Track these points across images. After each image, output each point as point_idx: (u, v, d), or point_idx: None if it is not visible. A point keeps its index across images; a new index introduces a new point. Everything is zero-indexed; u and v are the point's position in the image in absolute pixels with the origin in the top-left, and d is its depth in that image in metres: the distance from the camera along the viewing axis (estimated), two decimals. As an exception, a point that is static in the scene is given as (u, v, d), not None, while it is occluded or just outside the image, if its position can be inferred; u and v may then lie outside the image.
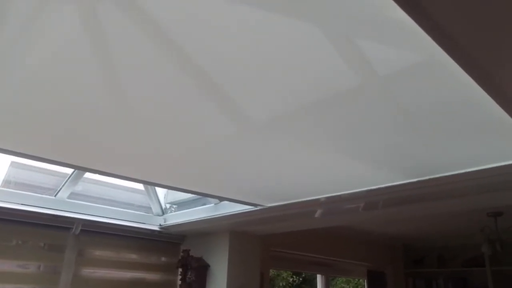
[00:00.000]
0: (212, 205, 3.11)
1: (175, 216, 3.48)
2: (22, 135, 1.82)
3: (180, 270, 3.51)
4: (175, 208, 3.60)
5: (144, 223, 3.45)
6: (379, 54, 1.12)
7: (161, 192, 3.60)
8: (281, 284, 8.34)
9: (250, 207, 2.76)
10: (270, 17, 1.02)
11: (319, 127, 1.59)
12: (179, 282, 3.49)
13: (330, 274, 4.95)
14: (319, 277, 4.85)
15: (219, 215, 2.99)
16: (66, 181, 2.96)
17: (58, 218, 2.92)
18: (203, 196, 3.00)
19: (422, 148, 1.71)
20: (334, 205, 2.56)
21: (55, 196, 2.99)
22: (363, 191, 2.22)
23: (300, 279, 8.56)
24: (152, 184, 3.18)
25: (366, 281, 5.33)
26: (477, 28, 0.87)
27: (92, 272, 3.18)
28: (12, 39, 1.16)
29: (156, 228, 3.51)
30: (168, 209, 3.63)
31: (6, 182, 2.86)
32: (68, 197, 3.05)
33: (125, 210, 3.39)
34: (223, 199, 2.89)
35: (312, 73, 1.23)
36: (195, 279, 3.36)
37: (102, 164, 2.14)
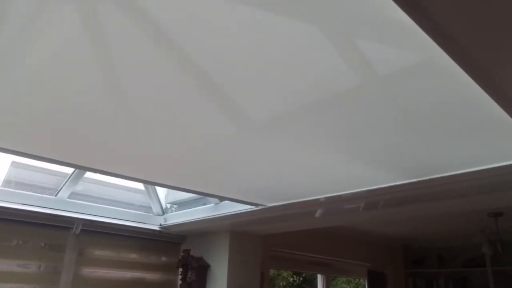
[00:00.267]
0: (212, 205, 3.12)
1: (176, 216, 3.48)
2: (23, 134, 1.83)
3: (181, 270, 3.52)
4: (176, 208, 3.60)
5: (145, 223, 3.45)
6: (379, 54, 1.12)
7: (161, 192, 3.60)
8: (282, 284, 8.33)
9: (251, 207, 2.76)
10: (270, 17, 1.02)
11: (319, 127, 1.59)
12: (179, 282, 3.49)
13: (330, 274, 4.94)
14: (320, 277, 4.85)
15: (220, 215, 2.99)
16: (67, 181, 2.96)
17: (58, 218, 2.93)
18: (204, 195, 3.00)
19: (422, 148, 1.71)
20: (335, 205, 2.56)
21: (55, 196, 3.00)
22: (363, 191, 2.22)
23: (300, 279, 8.56)
24: (153, 184, 3.19)
25: (366, 281, 5.33)
26: (477, 28, 0.87)
27: (92, 272, 3.18)
28: (12, 39, 1.16)
29: (156, 228, 3.52)
30: (169, 209, 3.63)
31: (7, 182, 2.87)
32: (69, 197, 3.05)
33: (126, 210, 3.39)
34: (224, 199, 2.89)
35: (312, 73, 1.23)
36: (195, 279, 3.36)
37: (102, 164, 2.14)
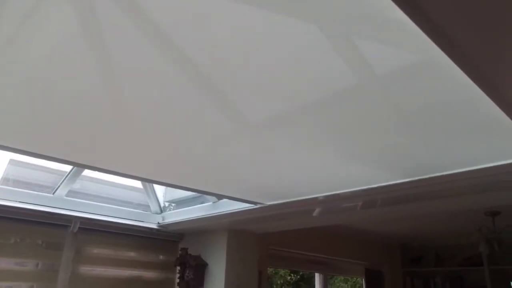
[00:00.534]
0: (210, 203, 3.12)
1: (174, 214, 3.48)
2: (21, 131, 1.82)
3: (178, 268, 3.52)
4: (174, 206, 3.60)
5: (143, 221, 3.45)
6: (378, 54, 1.12)
7: (159, 190, 3.60)
8: (279, 282, 8.35)
9: (250, 205, 2.76)
10: (269, 17, 1.02)
11: (318, 126, 1.59)
12: (177, 280, 3.49)
13: (328, 273, 4.95)
14: (317, 276, 4.86)
15: (218, 213, 2.99)
16: (64, 179, 2.96)
17: (56, 216, 2.92)
18: (203, 194, 3.00)
19: (420, 147, 1.72)
20: (333, 203, 2.56)
21: (53, 194, 2.99)
22: (361, 189, 2.23)
23: (298, 277, 8.57)
24: (153, 182, 3.17)
25: (364, 279, 5.35)
26: (476, 29, 0.87)
27: (90, 270, 3.18)
28: (9, 36, 1.15)
29: (154, 226, 3.51)
30: (167, 207, 3.63)
31: (5, 180, 2.86)
32: (66, 195, 3.05)
33: (124, 208, 3.39)
34: (223, 197, 2.89)
35: (311, 73, 1.23)
36: (193, 277, 3.36)
37: (101, 161, 2.14)
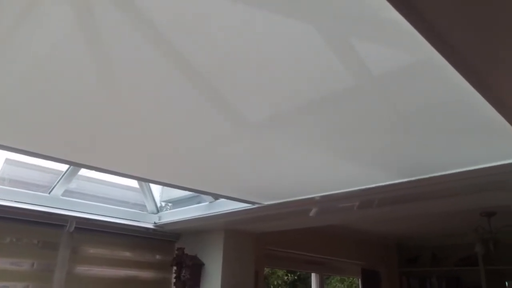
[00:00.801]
0: (207, 203, 3.11)
1: (170, 214, 3.48)
2: (18, 130, 1.81)
3: (175, 268, 3.51)
4: (170, 206, 3.60)
5: (139, 221, 3.44)
6: (377, 54, 1.12)
7: (156, 190, 3.59)
8: (276, 283, 8.35)
9: (247, 205, 2.76)
10: (269, 18, 1.02)
11: (316, 127, 1.60)
12: (173, 280, 3.49)
13: (324, 273, 4.96)
14: (314, 276, 4.86)
15: (215, 213, 2.99)
16: (61, 179, 2.95)
17: (52, 216, 2.91)
18: (201, 193, 3.00)
19: (417, 148, 1.72)
20: (330, 203, 2.57)
21: (49, 193, 2.98)
22: (358, 190, 2.23)
23: (295, 277, 8.57)
24: (150, 182, 3.15)
25: (360, 279, 5.35)
26: (471, 30, 0.87)
27: (86, 270, 3.17)
28: (9, 36, 1.15)
29: (150, 226, 3.51)
30: (163, 207, 3.62)
31: (1, 179, 2.85)
32: (62, 195, 3.03)
33: (120, 208, 3.38)
34: (221, 197, 2.88)
35: (309, 73, 1.23)
36: (189, 277, 3.36)
37: (99, 161, 2.13)
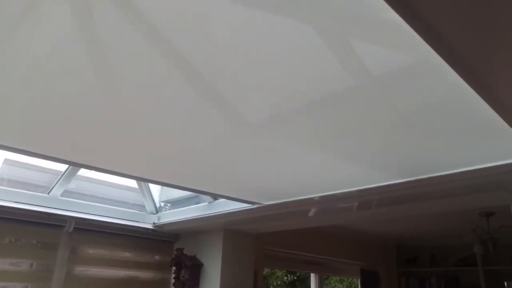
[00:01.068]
0: (206, 203, 3.11)
1: (169, 215, 3.48)
2: (18, 131, 1.81)
3: (174, 268, 3.51)
4: (169, 206, 3.60)
5: (138, 221, 3.44)
6: (375, 55, 1.12)
7: (155, 191, 3.59)
8: (275, 283, 8.35)
9: (247, 205, 2.76)
10: (268, 18, 1.02)
11: (315, 127, 1.60)
12: (172, 281, 3.49)
13: (323, 273, 4.96)
14: (313, 276, 4.86)
15: (215, 214, 2.99)
16: (60, 179, 2.95)
17: (51, 216, 2.91)
18: (201, 194, 2.99)
19: (416, 148, 1.72)
20: (330, 203, 2.57)
21: (48, 193, 2.98)
22: (357, 190, 2.23)
23: (294, 278, 8.57)
24: (151, 182, 3.14)
25: (359, 280, 5.35)
26: (468, 30, 0.88)
27: (85, 270, 3.17)
28: (9, 34, 1.15)
29: (150, 226, 3.51)
30: (162, 208, 3.62)
31: (-1, 180, 2.85)
32: (61, 195, 3.03)
33: (119, 208, 3.38)
34: (220, 197, 2.88)
35: (308, 73, 1.23)
36: (188, 278, 3.36)
37: (98, 161, 2.13)
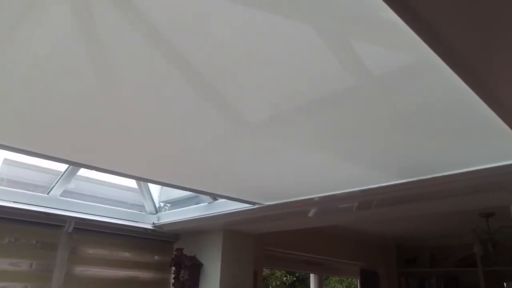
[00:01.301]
0: (206, 204, 3.11)
1: (169, 215, 3.48)
2: (18, 130, 1.81)
3: (173, 268, 3.51)
4: (169, 206, 3.60)
5: (138, 222, 3.44)
6: (375, 55, 1.12)
7: (154, 191, 3.59)
8: (275, 284, 8.35)
9: (248, 206, 2.76)
10: (268, 18, 1.02)
11: (316, 127, 1.60)
12: (172, 281, 3.49)
13: (323, 274, 4.96)
14: (312, 277, 4.86)
15: (215, 214, 2.99)
16: (59, 179, 2.95)
17: (50, 216, 2.91)
18: (202, 194, 2.99)
19: (416, 149, 1.72)
20: (330, 204, 2.57)
21: (47, 194, 2.98)
22: (358, 190, 2.23)
23: (293, 278, 8.57)
24: (151, 182, 3.13)
25: (359, 280, 5.35)
26: (467, 31, 0.87)
27: (85, 270, 3.16)
28: (9, 34, 1.15)
29: (149, 226, 3.51)
30: (162, 208, 3.62)
31: (-1, 180, 2.85)
32: (61, 195, 3.03)
33: (119, 208, 3.38)
34: (222, 197, 2.87)
35: (309, 73, 1.23)
36: (188, 278, 3.36)
37: (98, 161, 2.13)
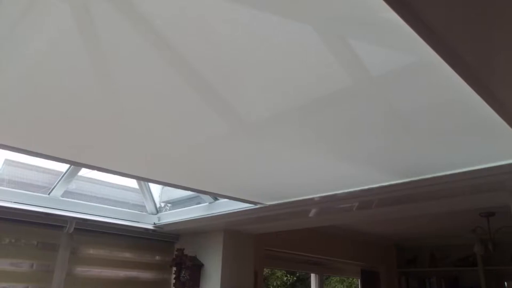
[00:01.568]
0: (206, 204, 3.11)
1: (170, 215, 3.48)
2: (18, 130, 1.81)
3: (174, 269, 3.51)
4: (170, 206, 3.60)
5: (138, 222, 3.44)
6: (372, 55, 1.12)
7: (155, 191, 3.59)
8: (275, 283, 8.35)
9: (249, 205, 2.76)
10: (268, 18, 1.02)
11: (316, 128, 1.60)
12: (173, 281, 3.49)
13: (323, 273, 4.96)
14: (313, 276, 4.86)
15: (216, 214, 2.99)
16: (60, 179, 2.95)
17: (51, 217, 2.91)
18: (203, 194, 2.98)
19: (416, 148, 1.72)
20: (331, 204, 2.57)
21: (48, 194, 2.98)
22: (359, 190, 2.24)
23: (294, 278, 8.58)
24: (153, 182, 3.12)
25: (359, 280, 5.36)
26: (468, 31, 0.88)
27: (85, 270, 3.17)
28: (10, 33, 1.15)
29: (150, 226, 3.51)
30: (163, 208, 3.62)
31: (0, 180, 2.85)
32: (62, 195, 3.03)
33: (119, 208, 3.38)
34: (224, 197, 2.87)
35: (309, 73, 1.24)
36: (189, 278, 3.36)
37: (100, 160, 2.13)
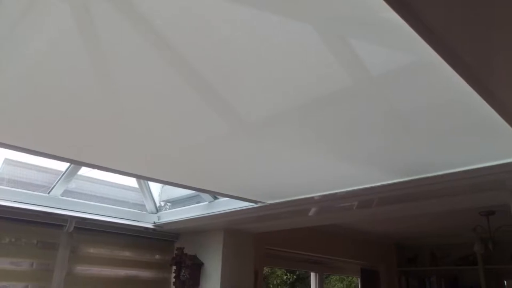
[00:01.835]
0: (206, 203, 3.11)
1: (169, 214, 3.48)
2: (17, 128, 1.81)
3: (174, 268, 3.52)
4: (170, 205, 3.60)
5: (138, 221, 3.45)
6: (372, 55, 1.12)
7: (155, 190, 3.59)
8: (275, 282, 8.36)
9: (249, 204, 2.76)
10: (268, 18, 1.02)
11: (316, 127, 1.59)
12: (173, 280, 3.49)
13: (323, 272, 4.97)
14: (313, 275, 4.87)
15: (216, 213, 2.99)
16: (60, 179, 2.95)
17: (51, 216, 2.91)
18: (204, 192, 2.98)
19: (416, 147, 1.72)
20: (331, 202, 2.57)
21: (48, 193, 2.98)
22: (359, 189, 2.23)
23: (294, 277, 8.59)
24: (153, 180, 3.12)
25: (359, 279, 5.36)
26: (468, 31, 0.88)
27: (85, 269, 3.17)
28: (10, 32, 1.15)
29: (150, 225, 3.51)
30: (162, 207, 3.62)
31: (0, 179, 2.85)
32: (62, 195, 3.03)
33: (119, 207, 3.38)
34: (224, 196, 2.87)
35: (309, 73, 1.23)
36: (189, 277, 3.36)
37: (99, 159, 2.13)
